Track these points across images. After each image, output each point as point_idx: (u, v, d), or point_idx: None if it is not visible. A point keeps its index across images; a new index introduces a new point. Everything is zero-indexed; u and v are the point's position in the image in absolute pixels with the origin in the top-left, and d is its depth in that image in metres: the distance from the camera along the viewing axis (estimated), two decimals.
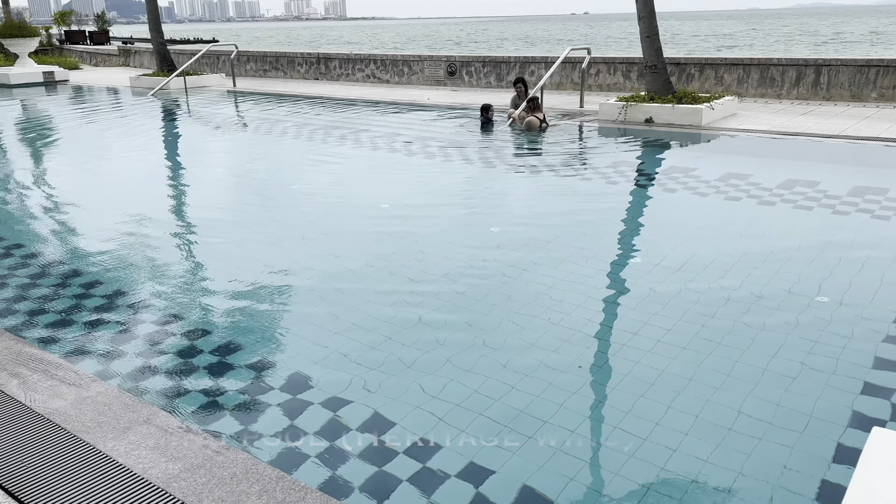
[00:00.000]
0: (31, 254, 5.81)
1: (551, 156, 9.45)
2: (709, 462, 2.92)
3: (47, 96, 17.88)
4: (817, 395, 3.41)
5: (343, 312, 4.47)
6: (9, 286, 5.03)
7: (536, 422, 3.22)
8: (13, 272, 5.33)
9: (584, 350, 3.98)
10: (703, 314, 4.34)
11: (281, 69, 20.77)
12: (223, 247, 6.00)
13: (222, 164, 9.98)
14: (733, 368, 3.68)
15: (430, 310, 4.47)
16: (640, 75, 14.17)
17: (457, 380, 3.58)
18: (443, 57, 17.74)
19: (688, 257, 5.34)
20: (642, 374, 3.64)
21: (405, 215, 6.74)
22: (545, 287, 4.82)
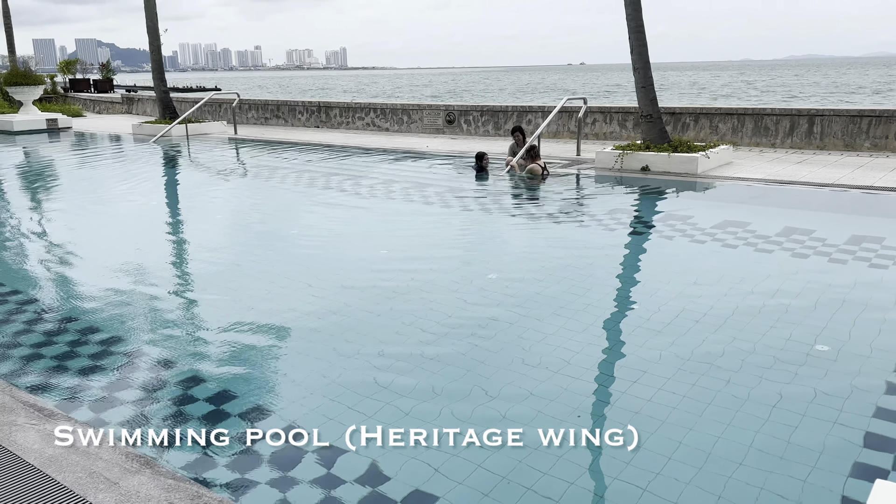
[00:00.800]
0: (27, 300, 5.79)
1: (549, 203, 9.52)
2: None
3: (49, 143, 18.07)
4: (819, 446, 3.36)
5: (339, 360, 4.44)
6: (2, 332, 4.99)
7: (535, 473, 3.17)
8: (9, 317, 5.30)
9: (584, 399, 3.94)
10: (703, 362, 4.31)
11: (282, 117, 21.07)
12: (219, 293, 5.99)
13: (221, 210, 10.03)
14: (734, 418, 3.63)
15: (427, 358, 4.43)
16: (636, 124, 14.38)
17: (454, 429, 3.53)
18: (441, 106, 18.03)
19: (686, 304, 5.33)
20: (641, 423, 3.60)
21: (403, 261, 6.75)
22: (544, 334, 4.80)
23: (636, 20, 11.59)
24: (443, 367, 4.30)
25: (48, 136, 19.47)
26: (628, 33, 11.71)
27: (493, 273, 6.33)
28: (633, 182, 10.67)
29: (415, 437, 3.46)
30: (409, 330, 4.93)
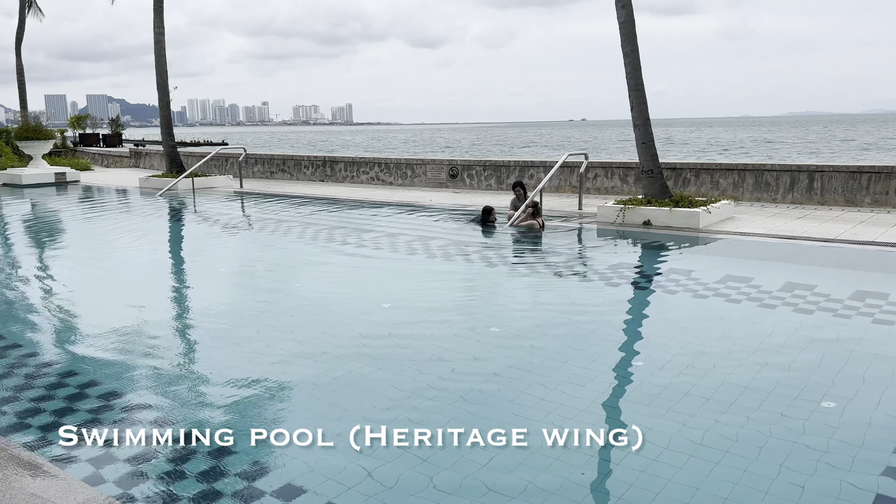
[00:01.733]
0: (28, 353, 5.76)
1: (552, 256, 9.54)
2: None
3: (56, 196, 18.28)
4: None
5: (341, 416, 4.38)
6: (2, 387, 4.96)
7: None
8: (11, 371, 5.26)
9: (587, 458, 3.87)
10: (708, 420, 4.25)
11: (288, 171, 21.33)
12: (221, 348, 5.96)
13: (225, 263, 10.07)
14: (741, 478, 3.56)
15: (427, 412, 4.38)
16: (637, 179, 14.53)
17: (455, 492, 3.46)
18: (445, 160, 18.26)
19: (690, 361, 5.29)
20: (647, 483, 3.52)
21: (406, 315, 6.73)
22: (546, 390, 4.75)
23: (636, 79, 11.85)
24: (443, 422, 4.24)
25: (56, 189, 19.71)
26: (628, 91, 11.95)
27: (495, 327, 6.30)
28: (635, 236, 10.71)
29: (409, 496, 3.40)
30: (409, 384, 4.88)
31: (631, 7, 11.74)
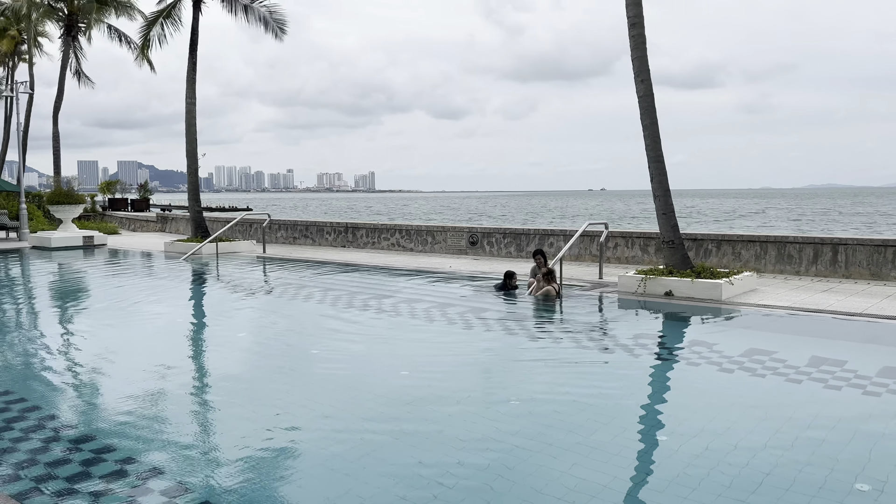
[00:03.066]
0: (47, 416, 5.76)
1: (572, 326, 9.46)
2: None
3: (83, 259, 18.63)
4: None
5: (356, 486, 4.29)
6: (19, 450, 4.94)
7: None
8: (27, 434, 5.25)
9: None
10: (735, 500, 4.10)
11: (310, 237, 21.61)
12: (237, 413, 5.92)
13: (245, 327, 10.10)
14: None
15: (446, 487, 4.28)
16: (658, 249, 14.50)
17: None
18: (465, 228, 18.42)
19: (715, 437, 5.14)
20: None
21: (424, 383, 6.66)
22: (568, 464, 4.62)
23: (655, 150, 11.98)
24: (460, 498, 4.13)
25: (83, 252, 20.10)
26: (648, 163, 12.07)
27: (514, 398, 6.20)
28: (656, 307, 10.61)
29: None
30: (427, 456, 4.78)
31: (650, 82, 11.99)
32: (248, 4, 21.65)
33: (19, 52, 39.48)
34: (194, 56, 21.09)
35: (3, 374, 7.24)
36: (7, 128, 39.80)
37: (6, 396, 6.22)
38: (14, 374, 7.28)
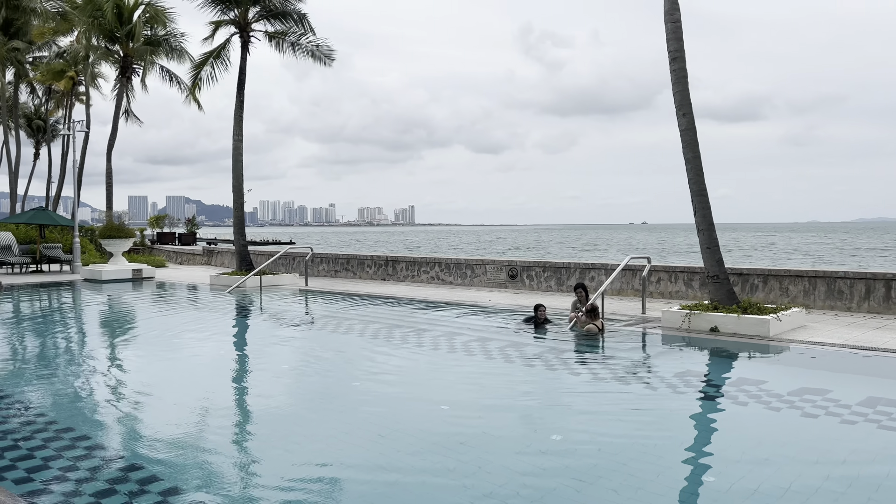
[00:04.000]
0: (95, 445, 5.88)
1: (615, 361, 9.31)
2: None
3: (132, 291, 19.12)
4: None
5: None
6: (69, 479, 5.04)
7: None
8: (76, 463, 5.36)
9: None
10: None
11: (351, 270, 21.83)
12: (279, 445, 5.95)
13: (287, 359, 10.20)
14: None
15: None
16: (703, 284, 14.24)
17: None
18: (504, 261, 18.39)
19: (766, 479, 4.97)
20: None
21: (464, 418, 6.61)
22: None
23: (698, 184, 11.85)
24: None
25: (132, 284, 20.64)
26: (691, 196, 11.93)
27: (556, 434, 6.11)
28: (701, 343, 10.39)
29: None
30: (471, 491, 4.73)
31: (692, 115, 11.92)
32: (296, 42, 22.31)
33: (76, 92, 41.28)
34: (242, 94, 21.74)
35: (54, 402, 7.43)
36: (63, 164, 41.45)
37: (55, 425, 6.37)
38: (64, 403, 7.46)
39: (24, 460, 5.38)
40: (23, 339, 11.94)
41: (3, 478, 4.97)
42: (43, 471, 5.16)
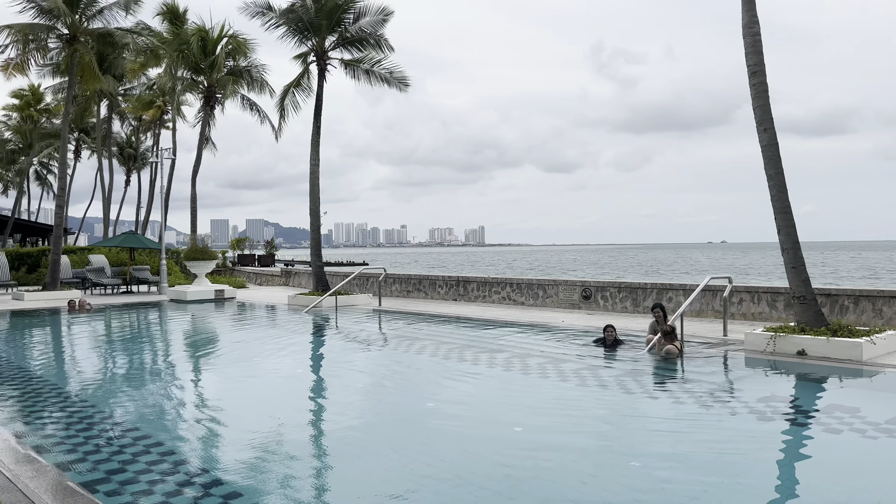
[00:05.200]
0: (181, 460, 6.10)
1: (695, 385, 9.00)
2: None
3: (215, 311, 19.84)
4: None
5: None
6: (155, 493, 5.24)
7: None
8: (164, 478, 5.57)
9: None
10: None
11: (423, 290, 22.00)
12: (355, 465, 6.02)
13: (362, 378, 10.34)
14: None
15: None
16: (788, 305, 13.64)
17: None
18: (577, 281, 18.13)
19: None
20: None
21: (538, 441, 6.52)
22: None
23: (782, 201, 11.40)
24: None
25: (215, 305, 21.43)
26: (774, 214, 11.49)
27: (635, 460, 5.94)
28: (787, 367, 9.92)
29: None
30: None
31: (774, 130, 11.51)
32: (370, 69, 22.87)
33: (163, 121, 43.54)
34: (318, 121, 22.40)
35: (142, 417, 7.76)
36: (151, 190, 43.66)
37: (145, 440, 6.65)
38: (151, 418, 7.78)
39: (117, 473, 5.63)
40: (114, 356, 12.56)
41: (96, 490, 5.21)
42: (133, 484, 5.38)
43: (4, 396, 8.85)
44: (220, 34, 30.52)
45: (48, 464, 5.77)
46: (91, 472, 5.67)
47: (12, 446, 6.27)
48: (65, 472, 5.60)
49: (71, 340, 14.72)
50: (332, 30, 22.13)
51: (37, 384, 9.58)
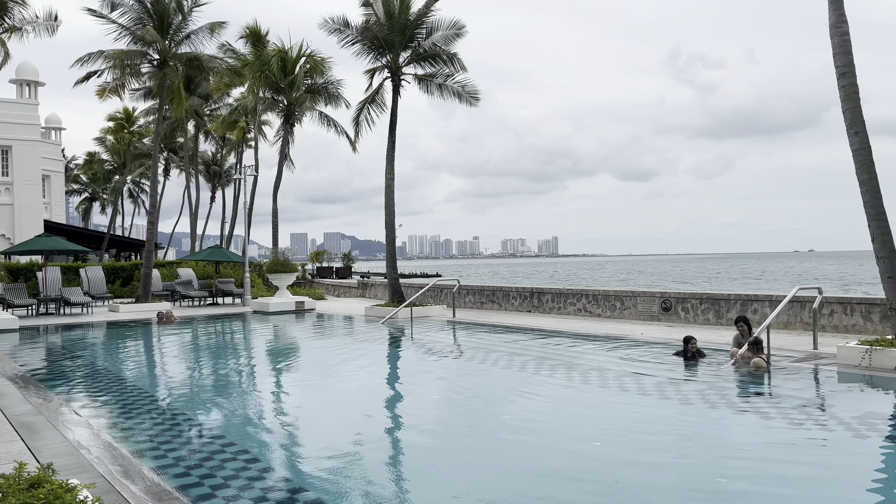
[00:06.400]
0: (266, 468, 6.30)
1: (783, 400, 8.63)
2: None
3: (295, 322, 20.41)
4: None
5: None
6: (243, 498, 5.44)
7: None
8: (251, 483, 5.77)
9: None
10: None
11: (497, 301, 21.97)
12: (432, 474, 6.07)
13: (437, 389, 10.41)
14: None
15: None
16: (884, 317, 12.90)
17: None
18: (657, 293, 17.70)
19: None
20: None
21: (619, 456, 6.40)
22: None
23: (875, 208, 10.83)
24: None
25: (295, 316, 22.04)
26: (868, 221, 10.92)
27: (722, 477, 5.75)
28: (885, 383, 9.38)
29: None
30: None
31: (865, 133, 10.97)
32: (442, 83, 23.14)
33: (246, 140, 45.27)
34: (393, 135, 22.81)
35: (229, 425, 8.07)
36: (235, 206, 45.39)
37: (232, 447, 6.91)
38: (237, 425, 8.08)
39: (207, 478, 5.88)
40: (202, 366, 13.11)
41: (188, 494, 5.45)
42: (224, 489, 5.60)
43: (104, 403, 9.38)
44: (299, 53, 31.52)
45: (145, 467, 6.08)
46: (183, 476, 5.94)
47: (112, 450, 6.64)
48: (160, 475, 5.89)
49: (162, 350, 15.45)
50: (406, 46, 22.52)
51: (132, 391, 10.11)
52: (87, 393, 10.13)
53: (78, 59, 24.81)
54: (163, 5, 24.70)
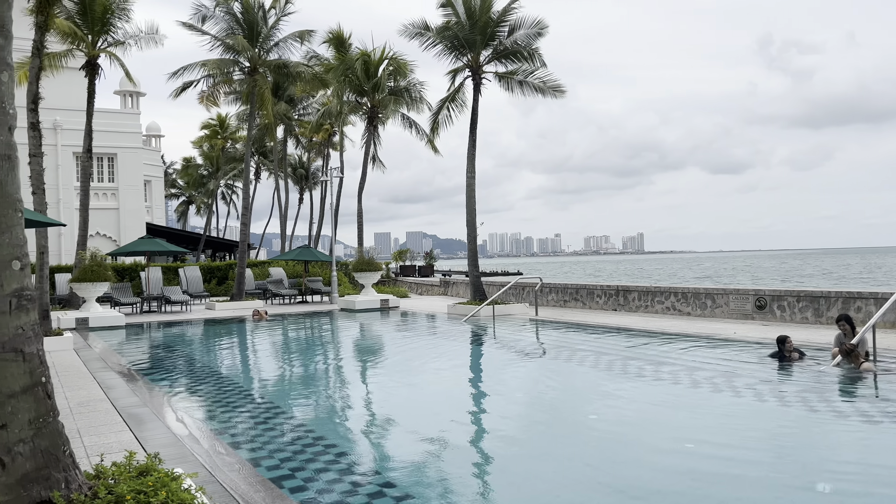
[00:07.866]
0: (354, 462, 6.46)
1: (892, 405, 8.11)
2: None
3: (381, 320, 20.80)
4: None
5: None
6: (334, 491, 5.59)
7: None
8: (341, 477, 5.94)
9: None
10: None
11: (580, 300, 21.66)
12: (515, 470, 6.06)
13: (521, 387, 10.37)
14: None
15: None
16: None
17: None
18: (750, 290, 16.99)
19: None
20: None
21: (711, 459, 6.19)
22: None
23: None
24: None
25: (380, 314, 22.47)
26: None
27: (824, 483, 5.46)
28: None
29: None
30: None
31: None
32: (523, 80, 23.01)
33: (331, 142, 46.43)
34: (474, 134, 22.86)
35: (318, 419, 8.32)
36: (322, 207, 46.65)
37: (323, 441, 7.12)
38: (325, 419, 8.32)
39: (300, 471, 6.08)
40: (293, 361, 13.56)
41: (282, 486, 5.66)
42: (314, 482, 5.78)
43: (203, 396, 9.86)
44: (382, 56, 32.06)
45: (242, 458, 6.35)
46: (277, 468, 6.17)
47: (211, 442, 6.97)
48: (256, 466, 6.14)
49: (256, 346, 16.09)
50: (487, 44, 22.51)
51: (229, 385, 10.58)
52: (188, 386, 10.68)
53: (176, 70, 26.13)
54: (252, 15, 25.69)
